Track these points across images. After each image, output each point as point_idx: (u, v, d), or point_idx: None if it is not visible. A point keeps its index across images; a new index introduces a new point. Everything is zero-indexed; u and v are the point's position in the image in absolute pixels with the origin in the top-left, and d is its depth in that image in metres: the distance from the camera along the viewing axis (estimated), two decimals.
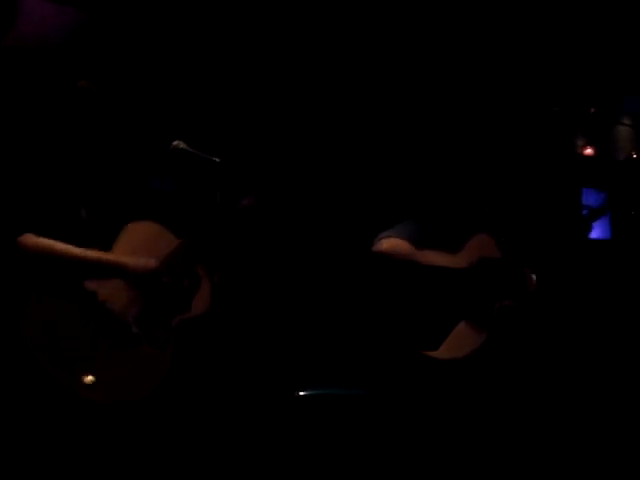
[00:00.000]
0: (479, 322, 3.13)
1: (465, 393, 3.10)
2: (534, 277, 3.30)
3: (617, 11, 4.41)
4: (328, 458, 3.05)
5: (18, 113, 3.31)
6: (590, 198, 5.91)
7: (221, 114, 4.02)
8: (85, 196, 2.80)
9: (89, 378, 2.51)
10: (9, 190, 2.88)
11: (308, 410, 3.08)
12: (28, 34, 3.48)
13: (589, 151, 6.11)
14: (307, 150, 4.17)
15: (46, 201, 2.72)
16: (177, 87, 3.83)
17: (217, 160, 2.57)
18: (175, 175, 3.03)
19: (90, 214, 2.79)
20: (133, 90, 3.44)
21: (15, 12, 3.46)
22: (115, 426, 2.62)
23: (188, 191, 3.20)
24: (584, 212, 5.07)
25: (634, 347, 4.04)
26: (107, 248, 2.75)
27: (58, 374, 2.53)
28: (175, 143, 2.65)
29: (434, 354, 3.03)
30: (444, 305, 2.81)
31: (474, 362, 3.09)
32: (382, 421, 3.10)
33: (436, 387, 3.06)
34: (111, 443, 2.62)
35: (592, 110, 6.00)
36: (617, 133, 6.40)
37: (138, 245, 2.79)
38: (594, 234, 4.16)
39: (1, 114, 3.29)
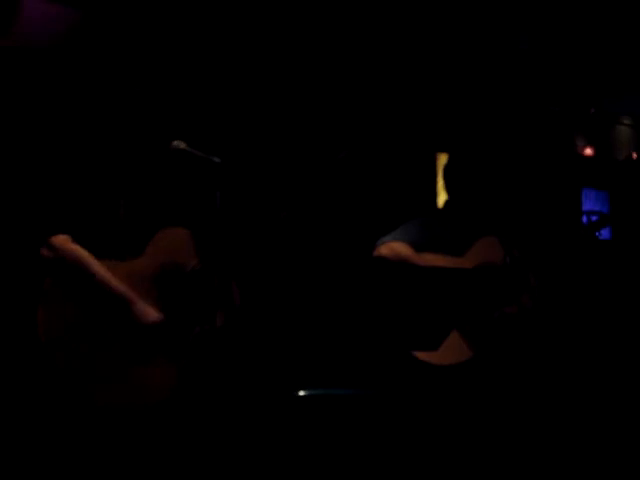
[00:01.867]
0: (476, 328, 3.09)
1: (461, 398, 3.08)
2: (535, 282, 3.24)
3: (617, 11, 4.40)
4: (328, 458, 3.05)
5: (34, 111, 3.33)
6: (592, 203, 5.92)
7: (222, 114, 4.02)
8: (125, 195, 2.81)
9: None
10: (50, 184, 2.90)
11: (307, 410, 3.08)
12: (28, 34, 3.48)
13: (589, 151, 6.12)
14: (312, 153, 4.17)
15: (86, 195, 2.72)
16: (178, 87, 3.83)
17: (217, 160, 2.57)
18: (175, 175, 3.03)
19: (128, 215, 2.80)
20: (132, 89, 3.45)
21: (15, 12, 3.46)
22: (119, 429, 2.63)
23: (188, 191, 3.21)
24: (591, 218, 5.05)
25: (635, 350, 4.04)
26: (139, 251, 2.76)
27: (72, 377, 2.53)
28: (175, 143, 2.64)
29: (428, 359, 2.99)
30: (443, 309, 2.78)
31: (469, 369, 3.05)
32: (380, 421, 3.10)
33: (430, 391, 3.04)
34: (115, 445, 2.63)
35: (592, 110, 6.02)
36: (617, 133, 6.42)
37: (170, 253, 2.80)
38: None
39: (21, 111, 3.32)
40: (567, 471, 3.35)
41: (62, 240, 2.62)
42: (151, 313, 2.72)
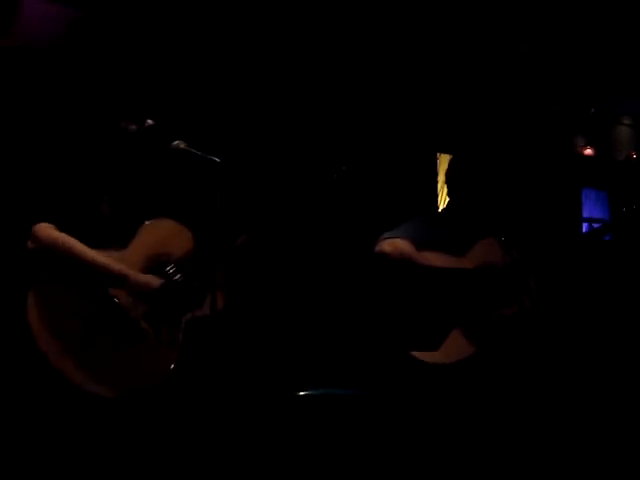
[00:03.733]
0: (474, 329, 3.09)
1: (459, 398, 3.07)
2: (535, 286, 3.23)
3: (617, 11, 4.41)
4: (328, 458, 3.05)
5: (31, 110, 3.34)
6: (592, 204, 5.93)
7: (221, 114, 4.02)
8: (109, 192, 2.81)
9: None
10: (34, 180, 2.90)
11: (308, 410, 3.09)
12: (28, 34, 3.49)
13: (589, 151, 6.12)
14: (313, 154, 4.17)
15: (70, 192, 2.72)
16: (178, 87, 3.83)
17: (217, 160, 2.57)
18: (175, 175, 3.03)
19: (112, 210, 2.80)
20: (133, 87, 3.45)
21: (15, 12, 3.46)
22: (117, 421, 2.63)
23: (188, 191, 3.21)
24: (595, 226, 5.05)
25: (635, 351, 4.04)
26: (124, 244, 2.75)
27: (64, 367, 2.53)
28: (175, 143, 2.64)
29: (423, 357, 2.99)
30: (443, 308, 2.78)
31: (465, 369, 3.05)
32: (380, 421, 3.10)
33: (429, 390, 3.04)
34: (112, 438, 2.62)
35: (592, 110, 6.02)
36: (617, 133, 6.42)
37: (155, 244, 2.79)
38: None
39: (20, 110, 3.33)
40: (567, 471, 3.35)
41: (45, 228, 2.62)
42: (151, 279, 2.71)
